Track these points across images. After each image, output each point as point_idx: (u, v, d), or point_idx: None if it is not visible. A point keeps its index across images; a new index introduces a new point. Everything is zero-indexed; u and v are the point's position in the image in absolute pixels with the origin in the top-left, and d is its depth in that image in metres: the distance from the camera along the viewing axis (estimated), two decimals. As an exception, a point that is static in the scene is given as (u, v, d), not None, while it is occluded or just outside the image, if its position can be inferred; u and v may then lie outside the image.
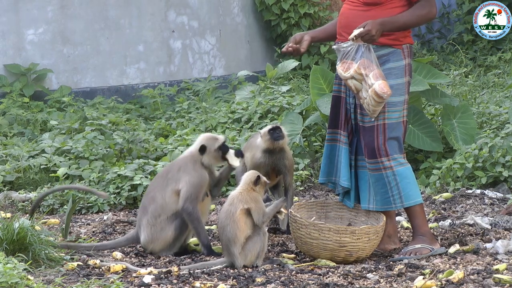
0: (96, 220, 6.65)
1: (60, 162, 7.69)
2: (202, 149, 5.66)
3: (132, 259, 5.58)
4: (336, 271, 5.12)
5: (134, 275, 5.08)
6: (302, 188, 7.52)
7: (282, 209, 5.40)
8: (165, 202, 5.57)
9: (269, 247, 5.49)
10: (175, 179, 5.61)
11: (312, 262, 5.33)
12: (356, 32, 5.24)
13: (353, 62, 5.26)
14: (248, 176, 5.40)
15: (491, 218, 6.14)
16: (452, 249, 5.44)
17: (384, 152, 5.36)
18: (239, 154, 5.76)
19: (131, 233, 5.79)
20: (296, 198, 7.04)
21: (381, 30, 5.25)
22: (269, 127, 6.09)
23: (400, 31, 5.34)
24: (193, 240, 5.89)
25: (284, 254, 5.57)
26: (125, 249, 5.79)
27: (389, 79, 5.32)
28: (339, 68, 5.32)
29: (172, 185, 5.60)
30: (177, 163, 5.80)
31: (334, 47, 5.50)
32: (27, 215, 6.04)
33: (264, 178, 5.38)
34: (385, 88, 5.20)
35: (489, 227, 5.96)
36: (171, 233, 5.57)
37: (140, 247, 5.80)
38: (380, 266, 5.21)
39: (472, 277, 4.85)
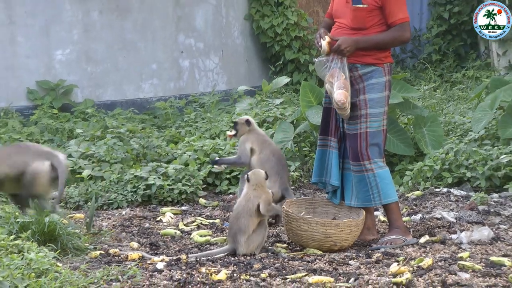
0: (116, 215, 6.65)
1: (85, 165, 7.68)
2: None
3: (147, 248, 5.59)
4: (322, 258, 5.13)
5: (148, 262, 5.08)
6: (293, 187, 7.52)
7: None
8: None
9: (266, 239, 5.50)
10: None
11: (302, 251, 5.34)
12: (324, 43, 5.28)
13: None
14: (260, 174, 5.42)
15: (456, 213, 6.15)
16: (422, 240, 5.46)
17: (366, 157, 5.37)
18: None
19: None
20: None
21: (354, 47, 5.26)
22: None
23: (377, 50, 5.34)
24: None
25: (277, 244, 5.57)
26: (141, 240, 5.80)
27: (372, 93, 5.34)
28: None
29: None
30: None
31: (315, 59, 5.54)
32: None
33: (258, 174, 5.42)
34: (342, 97, 5.21)
35: (454, 220, 5.97)
36: None
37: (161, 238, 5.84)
38: (360, 254, 5.22)
39: (439, 263, 4.86)
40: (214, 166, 6.97)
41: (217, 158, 7.02)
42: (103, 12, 10.89)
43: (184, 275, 4.72)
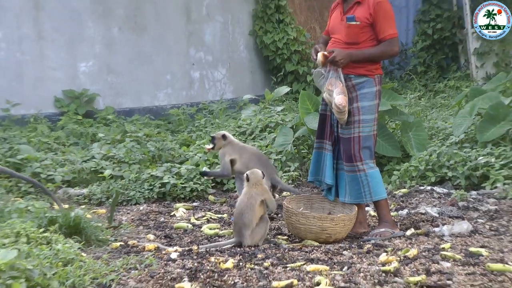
0: (134, 210, 6.66)
1: (106, 165, 7.70)
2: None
3: (162, 240, 5.60)
4: (319, 249, 5.12)
5: (163, 252, 5.09)
6: (293, 185, 7.52)
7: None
8: None
9: (268, 231, 5.50)
10: None
11: (301, 243, 5.34)
12: (319, 56, 5.30)
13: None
14: (258, 173, 5.42)
15: (438, 209, 6.15)
16: (408, 232, 5.45)
17: (358, 158, 5.37)
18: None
19: None
20: (288, 193, 7.07)
21: (348, 59, 5.27)
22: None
23: (369, 63, 5.34)
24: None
25: (279, 236, 5.58)
26: (156, 232, 5.81)
27: (364, 101, 5.34)
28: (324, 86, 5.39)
29: None
30: None
31: (313, 71, 5.55)
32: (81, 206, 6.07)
33: (255, 174, 5.42)
34: (342, 101, 5.23)
35: (437, 215, 5.97)
36: None
37: (174, 231, 5.85)
38: (353, 245, 5.21)
39: (424, 253, 4.86)
40: (204, 176, 7.00)
41: (206, 170, 7.02)
42: (122, 28, 10.91)
43: (195, 264, 4.73)
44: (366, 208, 5.99)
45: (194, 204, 6.88)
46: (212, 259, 4.83)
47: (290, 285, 4.26)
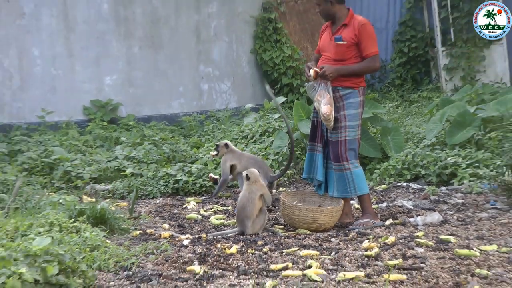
0: (151, 203, 6.66)
1: (128, 164, 7.69)
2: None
3: (176, 229, 5.60)
4: (310, 236, 5.13)
5: (177, 239, 5.09)
6: (288, 182, 7.53)
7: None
8: None
9: (266, 221, 5.51)
10: None
11: (295, 231, 5.34)
12: (311, 71, 5.31)
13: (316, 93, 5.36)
14: (256, 172, 5.42)
15: (413, 202, 6.14)
16: (387, 222, 5.45)
17: (345, 158, 5.37)
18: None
19: None
20: (284, 189, 7.07)
21: (336, 73, 5.28)
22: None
23: (354, 77, 5.34)
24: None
25: (276, 226, 5.57)
26: (170, 222, 5.81)
27: (350, 109, 5.35)
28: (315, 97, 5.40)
29: None
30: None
31: (306, 84, 5.56)
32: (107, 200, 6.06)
33: (252, 173, 5.40)
34: (327, 110, 5.23)
35: (412, 207, 5.97)
36: None
37: (186, 221, 5.84)
38: (340, 234, 5.21)
39: (400, 240, 4.86)
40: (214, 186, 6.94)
41: (214, 193, 6.83)
42: (142, 47, 10.92)
43: (204, 250, 4.73)
44: (351, 202, 5.99)
45: (203, 198, 6.88)
46: (219, 245, 4.83)
47: (285, 268, 4.27)
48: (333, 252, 4.63)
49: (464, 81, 12.29)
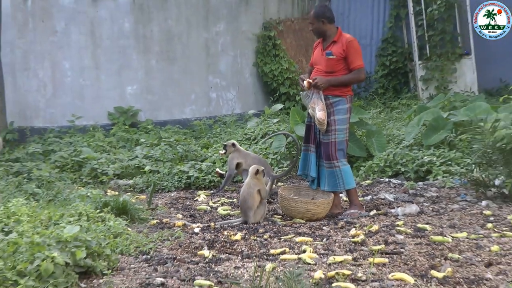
0: (167, 196, 6.67)
1: (146, 162, 7.69)
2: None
3: (188, 218, 5.59)
4: (305, 225, 5.13)
5: (189, 228, 5.09)
6: (285, 178, 7.51)
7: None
8: None
9: (266, 212, 5.50)
10: None
11: (291, 220, 5.34)
12: (305, 82, 5.31)
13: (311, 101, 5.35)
14: (255, 169, 5.40)
15: (394, 195, 6.14)
16: (371, 213, 5.45)
17: (335, 157, 5.37)
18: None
19: None
20: (282, 183, 7.05)
21: (327, 84, 5.28)
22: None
23: (343, 87, 5.34)
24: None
25: (275, 216, 5.58)
26: (183, 213, 5.80)
27: (339, 115, 5.34)
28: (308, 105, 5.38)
29: None
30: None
31: (301, 93, 5.55)
32: (128, 193, 6.04)
33: (261, 168, 5.41)
34: (322, 116, 5.24)
35: (393, 200, 5.96)
36: None
37: (197, 212, 5.81)
38: (330, 223, 5.22)
39: (383, 228, 4.86)
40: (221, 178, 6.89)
41: (221, 187, 6.76)
42: (159, 60, 10.91)
43: (213, 236, 4.73)
44: (340, 195, 5.99)
45: (212, 191, 6.87)
46: (225, 232, 4.84)
47: (283, 252, 4.27)
48: (325, 239, 4.63)
49: (438, 90, 12.26)
